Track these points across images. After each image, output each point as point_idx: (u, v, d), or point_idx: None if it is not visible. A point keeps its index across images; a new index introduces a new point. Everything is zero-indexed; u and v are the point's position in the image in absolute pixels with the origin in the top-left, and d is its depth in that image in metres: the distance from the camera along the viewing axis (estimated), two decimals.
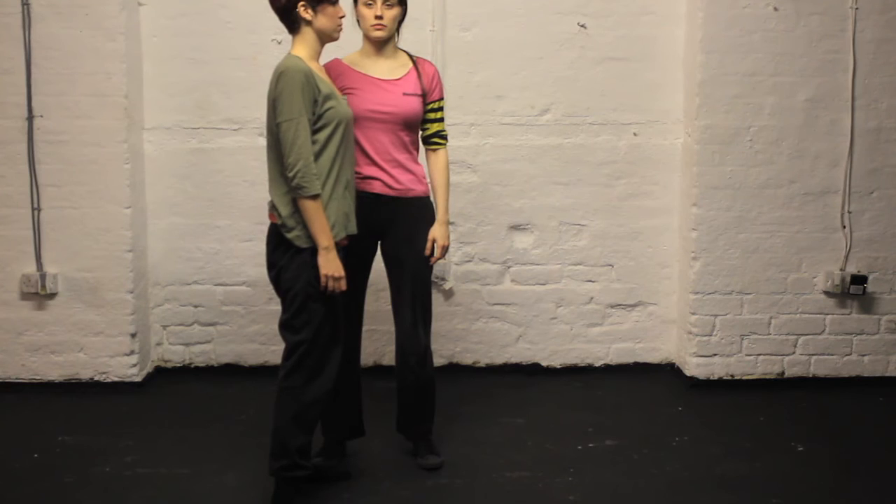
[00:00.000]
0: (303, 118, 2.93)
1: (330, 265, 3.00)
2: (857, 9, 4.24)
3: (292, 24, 3.07)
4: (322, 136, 3.00)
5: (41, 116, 4.18)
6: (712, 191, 4.33)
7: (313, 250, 3.01)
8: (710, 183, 4.32)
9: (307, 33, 3.07)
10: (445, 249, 3.41)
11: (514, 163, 4.48)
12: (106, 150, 4.19)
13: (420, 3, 4.23)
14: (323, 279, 3.01)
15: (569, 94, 4.45)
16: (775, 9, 4.24)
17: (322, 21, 3.05)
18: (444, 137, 3.48)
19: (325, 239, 2.98)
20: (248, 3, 4.28)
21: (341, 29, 3.13)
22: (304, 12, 3.03)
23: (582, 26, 4.41)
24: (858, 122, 4.33)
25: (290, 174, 2.93)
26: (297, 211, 3.00)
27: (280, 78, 2.95)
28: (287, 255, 3.03)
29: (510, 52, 4.41)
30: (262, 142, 3.41)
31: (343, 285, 3.05)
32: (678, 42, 4.43)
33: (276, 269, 3.08)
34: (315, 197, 2.95)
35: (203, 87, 4.38)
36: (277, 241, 3.06)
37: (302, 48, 3.07)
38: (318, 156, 2.99)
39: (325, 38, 3.10)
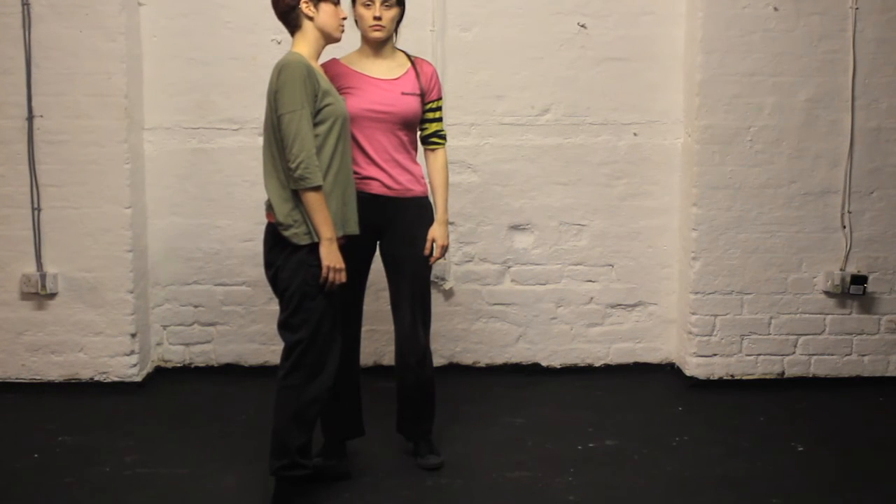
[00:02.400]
0: (305, 110, 2.94)
1: (332, 256, 3.01)
2: (857, 9, 4.24)
3: (295, 22, 3.08)
4: (320, 131, 3.01)
5: (41, 116, 4.18)
6: (712, 191, 4.33)
7: (310, 248, 3.01)
8: (710, 183, 4.32)
9: (309, 31, 3.08)
10: (445, 249, 3.41)
11: (514, 163, 4.48)
12: (106, 150, 4.19)
13: (420, 3, 4.24)
14: (325, 270, 3.01)
15: (569, 94, 4.45)
16: (775, 9, 4.24)
17: (324, 18, 3.07)
18: (443, 137, 3.48)
19: (327, 230, 2.99)
20: (248, 3, 4.29)
21: (343, 29, 3.15)
22: (307, 9, 3.05)
23: (582, 26, 4.41)
24: (858, 122, 4.33)
25: (293, 165, 2.93)
26: (294, 208, 3.00)
27: (282, 71, 2.96)
28: (284, 255, 3.04)
29: (510, 52, 4.41)
30: (262, 142, 3.40)
31: (343, 277, 3.05)
32: (678, 42, 4.43)
33: (273, 268, 3.09)
34: (317, 188, 2.96)
35: (203, 87, 4.38)
36: (274, 241, 3.07)
37: (303, 46, 3.08)
38: (317, 151, 3.00)
39: (327, 36, 3.11)
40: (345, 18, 3.14)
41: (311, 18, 3.07)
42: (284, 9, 3.08)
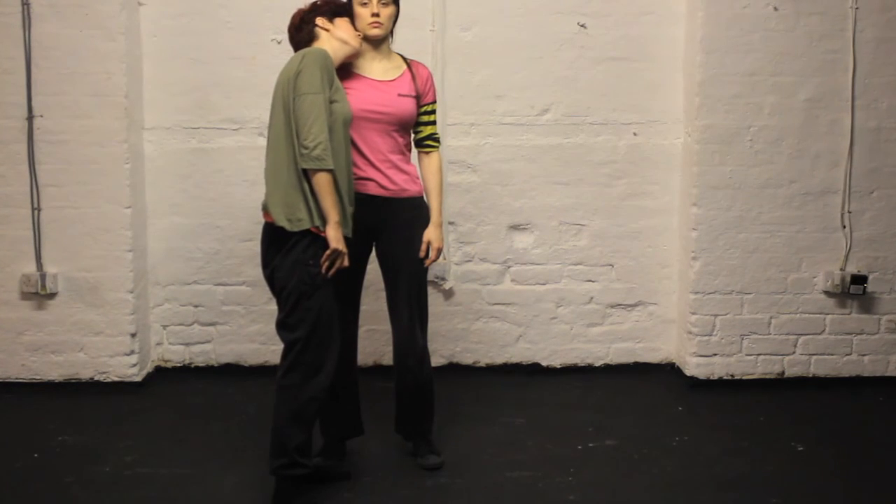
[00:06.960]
0: (324, 95, 2.99)
1: (339, 239, 3.03)
2: (857, 9, 4.24)
3: (310, 36, 3.17)
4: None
5: (41, 116, 4.18)
6: (712, 191, 4.33)
7: (306, 247, 3.02)
8: (710, 183, 4.32)
9: (325, 41, 3.18)
10: (439, 252, 3.41)
11: (514, 163, 4.48)
12: (106, 150, 4.19)
13: (420, 3, 4.24)
14: (330, 251, 3.02)
15: (569, 94, 4.45)
16: (775, 9, 4.24)
17: (341, 31, 3.18)
18: (437, 140, 3.48)
19: (335, 214, 3.02)
20: (248, 3, 4.29)
21: (361, 37, 3.24)
22: (323, 23, 3.17)
23: (582, 26, 4.41)
24: (858, 122, 4.32)
25: (312, 144, 2.95)
26: (292, 197, 3.00)
27: (306, 55, 3.03)
28: (280, 254, 3.05)
29: (510, 52, 4.41)
30: (262, 142, 3.41)
31: (346, 262, 3.08)
32: (678, 42, 4.43)
33: (270, 268, 3.10)
34: (330, 171, 2.99)
35: (203, 87, 4.38)
36: (271, 241, 3.09)
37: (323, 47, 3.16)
38: None
39: (346, 43, 3.19)
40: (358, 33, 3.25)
41: (328, 31, 3.17)
42: (301, 29, 3.17)
